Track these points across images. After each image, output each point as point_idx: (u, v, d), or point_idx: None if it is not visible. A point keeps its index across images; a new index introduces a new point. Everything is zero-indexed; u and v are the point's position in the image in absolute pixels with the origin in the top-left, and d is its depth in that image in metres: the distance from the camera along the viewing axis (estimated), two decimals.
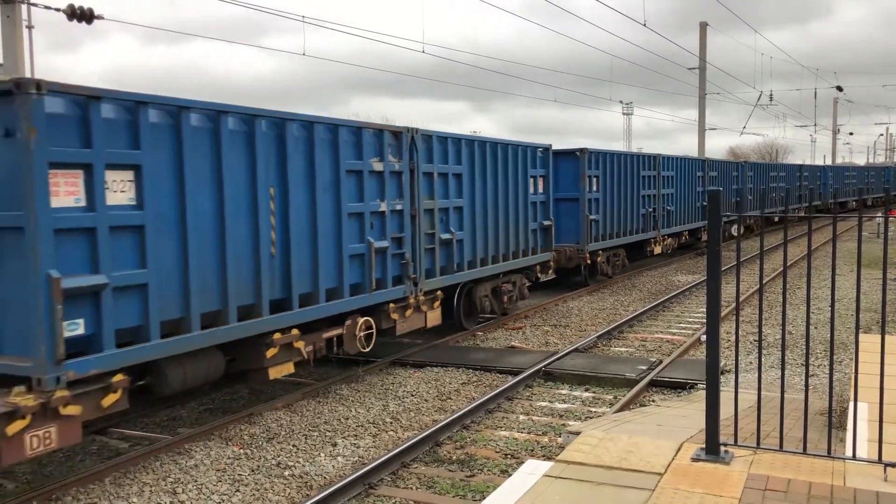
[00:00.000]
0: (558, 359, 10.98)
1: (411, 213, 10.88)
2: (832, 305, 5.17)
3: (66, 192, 6.34)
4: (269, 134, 8.38)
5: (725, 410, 5.38)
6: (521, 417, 8.72)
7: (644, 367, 10.42)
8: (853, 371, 5.31)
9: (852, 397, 6.23)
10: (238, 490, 6.69)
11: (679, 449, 5.50)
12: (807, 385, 5.34)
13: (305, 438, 8.02)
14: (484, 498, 5.02)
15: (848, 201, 48.23)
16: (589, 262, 18.19)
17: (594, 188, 18.41)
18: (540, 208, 15.23)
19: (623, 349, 12.23)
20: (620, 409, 8.60)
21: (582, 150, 17.94)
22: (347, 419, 8.65)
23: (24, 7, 11.31)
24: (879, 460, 4.90)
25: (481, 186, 12.87)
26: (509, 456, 7.44)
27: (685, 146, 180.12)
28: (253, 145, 8.12)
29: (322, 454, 7.56)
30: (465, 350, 12.05)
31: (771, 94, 40.70)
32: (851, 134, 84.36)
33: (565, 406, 9.17)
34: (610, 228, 19.38)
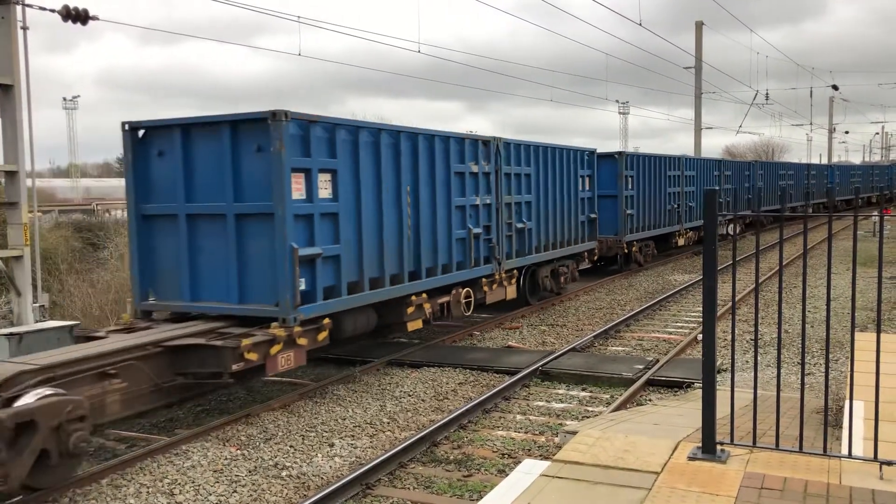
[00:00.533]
0: (555, 358, 10.99)
1: (496, 206, 13.38)
2: (828, 303, 5.18)
3: (296, 189, 8.92)
4: (406, 145, 10.99)
5: (722, 409, 5.39)
6: (518, 417, 8.73)
7: (641, 367, 10.44)
8: (849, 369, 5.32)
9: (848, 396, 6.24)
10: (235, 491, 6.69)
11: (675, 448, 5.50)
12: (802, 383, 5.35)
13: (303, 439, 8.02)
14: (481, 497, 5.03)
15: (853, 199, 48.93)
16: (625, 251, 20.97)
17: (630, 186, 20.84)
18: (587, 203, 17.68)
19: (620, 348, 12.24)
20: (617, 409, 8.61)
21: (620, 154, 20.55)
22: (344, 419, 8.65)
23: (18, 8, 11.28)
24: (875, 458, 4.91)
25: (544, 184, 15.36)
26: (506, 455, 7.45)
27: (680, 145, 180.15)
28: (398, 154, 10.77)
29: (319, 454, 7.56)
30: (462, 350, 12.06)
31: (767, 93, 40.78)
32: (847, 132, 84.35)
33: (562, 405, 9.18)
34: (642, 222, 21.94)
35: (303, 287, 8.97)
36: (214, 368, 8.15)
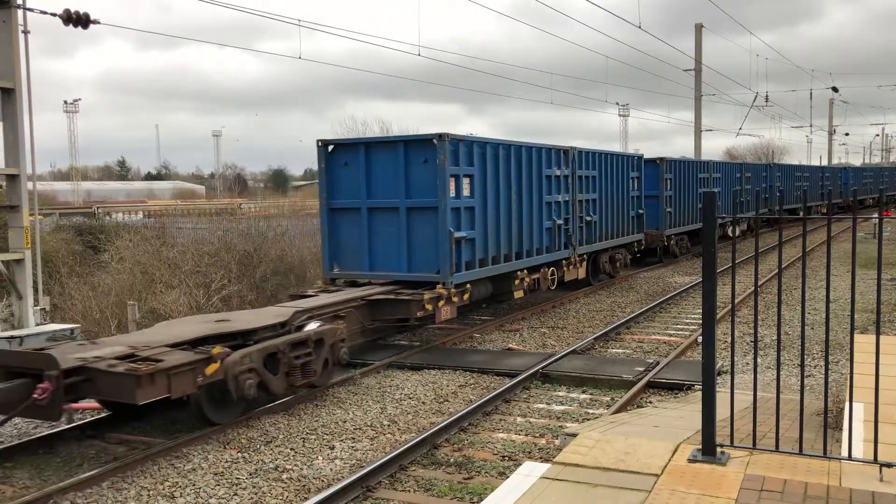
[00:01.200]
0: (556, 361, 10.99)
1: (572, 203, 16.74)
2: (827, 305, 5.19)
3: (451, 189, 12.35)
4: (516, 155, 14.45)
5: (722, 411, 5.40)
6: (519, 419, 8.74)
7: (641, 369, 10.44)
8: (849, 371, 5.33)
9: (848, 398, 6.25)
10: (236, 494, 6.69)
11: (676, 450, 5.51)
12: (802, 385, 5.36)
13: (303, 442, 8.02)
14: (482, 500, 5.03)
15: (867, 199, 50.71)
16: (665, 243, 24.24)
17: (668, 188, 23.98)
18: (636, 201, 21.01)
19: (620, 351, 12.25)
20: (617, 411, 8.61)
21: (661, 159, 23.70)
22: (345, 422, 8.66)
23: (20, 12, 11.30)
24: (875, 460, 4.92)
25: (605, 185, 18.56)
26: (507, 458, 7.45)
27: (679, 148, 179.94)
28: (509, 161, 14.21)
29: (320, 457, 7.56)
30: (463, 352, 12.06)
31: (767, 96, 40.81)
32: (847, 134, 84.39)
33: (562, 408, 9.18)
34: (678, 219, 25.05)
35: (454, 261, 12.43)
36: (403, 315, 11.78)
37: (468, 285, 12.92)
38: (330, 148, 13.10)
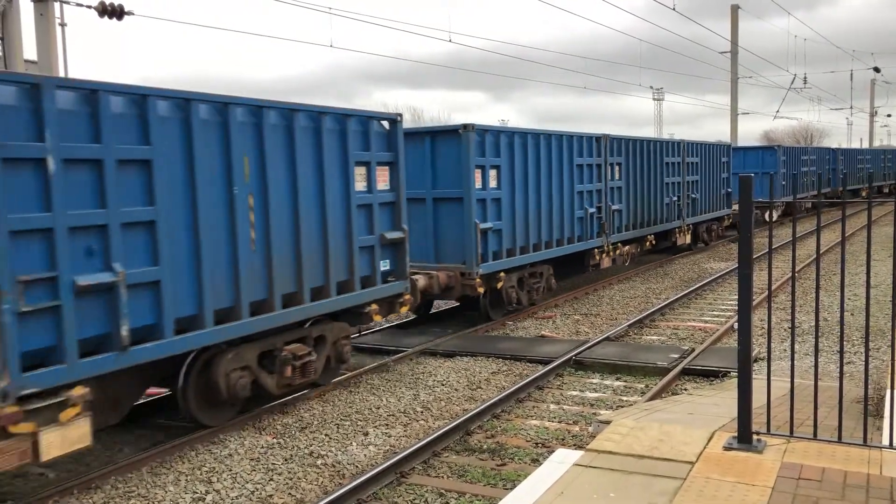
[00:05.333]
0: (589, 347, 10.94)
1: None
2: (867, 289, 5.08)
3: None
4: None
5: (758, 398, 5.32)
6: (552, 406, 8.72)
7: (676, 356, 10.34)
8: (890, 358, 5.22)
9: (890, 385, 6.13)
10: (272, 479, 6.78)
11: (711, 437, 5.45)
12: (841, 372, 5.26)
13: (337, 428, 8.09)
14: (514, 486, 5.03)
15: None
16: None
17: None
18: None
19: (655, 337, 12.14)
20: (652, 398, 8.55)
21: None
22: (378, 408, 8.71)
23: (56, 4, 11.48)
24: None
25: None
26: (540, 445, 7.44)
27: (712, 131, 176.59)
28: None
29: (354, 443, 7.63)
30: (495, 339, 12.06)
31: (805, 77, 39.97)
32: (889, 116, 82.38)
33: (596, 395, 9.14)
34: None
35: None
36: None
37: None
38: None
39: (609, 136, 16.65)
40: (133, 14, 11.90)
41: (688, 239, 21.98)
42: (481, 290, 12.41)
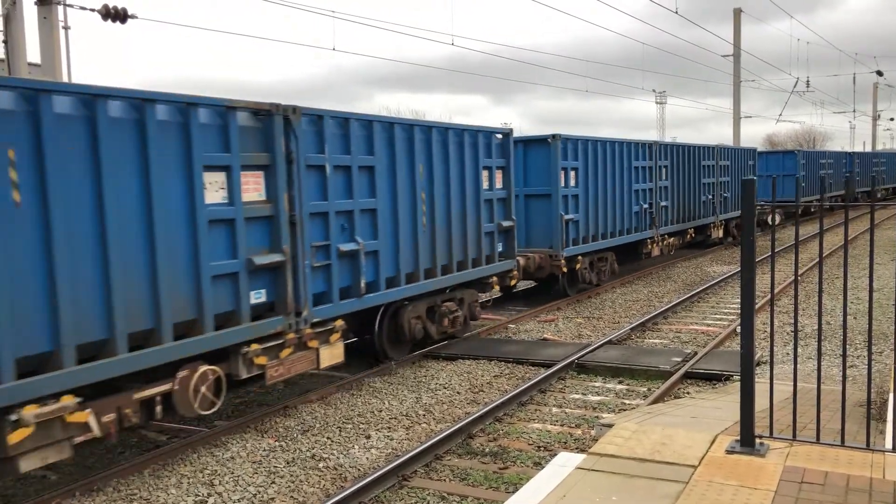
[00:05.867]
0: (591, 351, 10.92)
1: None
2: (870, 293, 5.07)
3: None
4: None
5: (761, 402, 5.31)
6: (554, 410, 8.71)
7: (678, 359, 10.33)
8: (893, 361, 5.21)
9: (893, 388, 6.11)
10: (273, 482, 6.78)
11: (713, 441, 5.45)
12: (844, 375, 5.25)
13: (339, 431, 8.09)
14: (517, 490, 5.03)
15: None
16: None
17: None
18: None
19: (657, 341, 12.13)
20: (654, 402, 8.53)
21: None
22: (381, 411, 8.71)
23: (59, 8, 11.51)
24: None
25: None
26: (542, 448, 7.43)
27: (713, 135, 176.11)
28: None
29: (356, 446, 7.62)
30: (498, 342, 12.05)
31: (808, 81, 39.96)
32: (892, 119, 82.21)
33: (598, 398, 9.13)
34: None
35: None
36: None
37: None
38: None
39: (658, 142, 19.76)
40: (136, 17, 11.93)
41: (721, 233, 24.30)
42: (564, 269, 14.99)
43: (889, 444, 5.08)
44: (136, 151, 6.65)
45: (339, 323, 9.04)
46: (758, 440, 5.23)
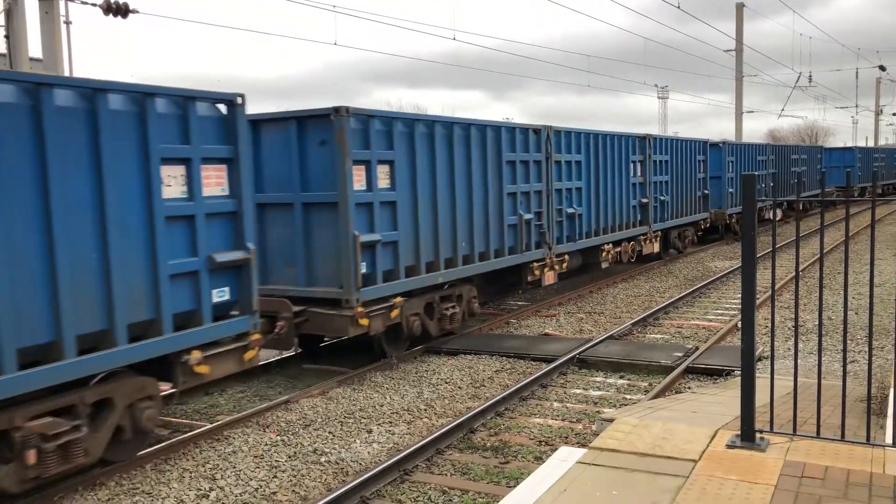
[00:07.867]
0: (592, 346, 10.94)
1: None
2: (871, 288, 5.07)
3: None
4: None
5: (762, 397, 5.32)
6: (555, 405, 8.72)
7: (680, 354, 10.34)
8: (894, 357, 5.22)
9: (893, 383, 6.13)
10: (275, 476, 6.80)
11: (714, 436, 5.46)
12: (845, 371, 5.26)
13: (341, 425, 8.11)
14: (518, 484, 5.05)
15: None
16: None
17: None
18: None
19: (658, 336, 12.14)
20: (655, 397, 8.55)
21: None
22: (382, 406, 8.73)
23: (61, 3, 11.50)
24: None
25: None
26: (543, 443, 7.45)
27: (715, 130, 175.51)
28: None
29: (357, 441, 7.65)
30: (499, 338, 12.06)
31: (810, 76, 39.89)
32: (895, 114, 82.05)
33: (599, 393, 9.14)
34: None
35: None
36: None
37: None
38: None
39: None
40: (138, 12, 11.92)
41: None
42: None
43: (889, 439, 5.09)
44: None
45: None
46: (758, 435, 5.25)
